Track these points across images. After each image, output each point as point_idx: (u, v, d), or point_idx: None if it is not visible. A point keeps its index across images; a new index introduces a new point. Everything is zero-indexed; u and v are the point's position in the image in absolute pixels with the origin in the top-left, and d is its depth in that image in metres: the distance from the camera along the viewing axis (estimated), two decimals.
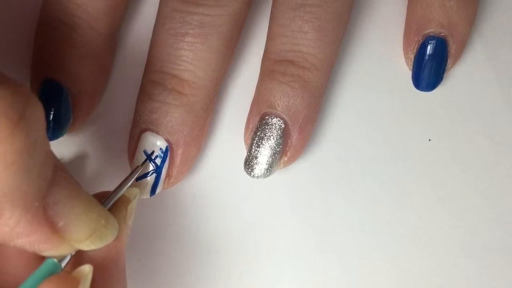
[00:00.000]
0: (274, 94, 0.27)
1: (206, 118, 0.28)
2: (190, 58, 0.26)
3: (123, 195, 0.24)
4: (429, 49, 0.28)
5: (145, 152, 0.27)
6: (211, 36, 0.26)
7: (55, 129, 0.27)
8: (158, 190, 0.27)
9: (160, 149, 0.27)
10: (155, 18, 0.28)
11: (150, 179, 0.27)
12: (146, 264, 0.29)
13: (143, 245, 0.29)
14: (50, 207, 0.19)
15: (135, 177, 0.26)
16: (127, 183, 0.25)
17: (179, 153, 0.27)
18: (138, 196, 0.25)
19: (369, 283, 0.29)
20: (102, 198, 0.23)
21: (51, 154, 0.19)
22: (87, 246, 0.21)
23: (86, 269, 0.21)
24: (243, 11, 0.27)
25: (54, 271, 0.20)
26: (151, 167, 0.27)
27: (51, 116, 0.27)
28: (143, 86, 0.28)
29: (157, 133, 0.27)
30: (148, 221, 0.30)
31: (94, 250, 0.22)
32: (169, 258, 0.29)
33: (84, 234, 0.20)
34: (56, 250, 0.20)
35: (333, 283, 0.29)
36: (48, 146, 0.19)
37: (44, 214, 0.19)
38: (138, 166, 0.27)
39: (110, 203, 0.23)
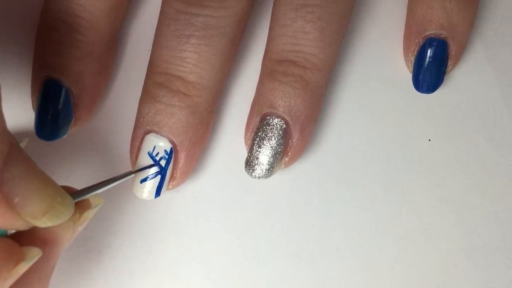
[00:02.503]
0: (275, 94, 0.27)
1: (210, 120, 0.28)
2: (195, 59, 0.26)
3: (86, 199, 0.23)
4: (429, 50, 0.28)
5: (149, 154, 0.27)
6: (215, 37, 0.26)
7: (56, 129, 0.27)
8: (162, 191, 0.27)
9: (165, 150, 0.27)
10: (156, 18, 0.28)
11: (155, 181, 0.27)
12: (146, 264, 0.29)
13: (143, 245, 0.29)
14: (6, 183, 0.19)
15: (109, 186, 0.24)
16: (101, 187, 0.24)
17: (183, 154, 0.27)
18: (99, 207, 0.24)
19: (369, 283, 0.29)
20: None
21: (6, 131, 0.19)
22: (43, 222, 0.20)
23: (36, 251, 0.21)
24: (246, 12, 0.27)
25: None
26: (152, 170, 0.27)
27: (53, 116, 0.27)
28: (146, 87, 0.27)
29: (162, 134, 0.27)
30: (148, 221, 0.30)
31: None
32: (169, 258, 0.29)
33: (40, 210, 0.20)
34: (12, 225, 0.20)
35: (333, 283, 0.29)
36: (4, 122, 0.19)
37: (0, 189, 0.19)
38: (128, 173, 0.25)
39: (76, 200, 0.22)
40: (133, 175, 0.26)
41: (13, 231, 0.21)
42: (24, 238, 0.21)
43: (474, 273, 0.29)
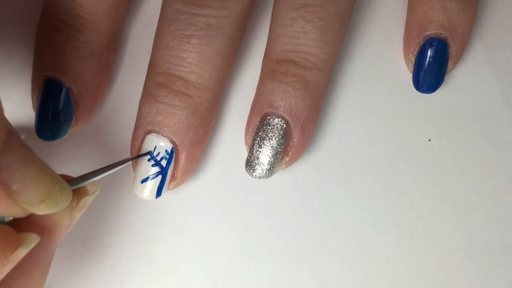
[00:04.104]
0: (275, 94, 0.27)
1: (210, 120, 0.28)
2: (196, 59, 0.26)
3: (84, 187, 0.23)
4: (430, 50, 0.28)
5: (150, 154, 0.27)
6: (216, 37, 0.26)
7: (57, 129, 0.27)
8: (163, 191, 0.27)
9: (166, 150, 0.27)
10: (156, 18, 0.28)
11: (156, 181, 0.27)
12: (146, 264, 0.29)
13: (143, 245, 0.29)
14: (3, 170, 0.19)
15: (106, 173, 0.25)
16: (99, 174, 0.24)
17: (184, 155, 0.27)
18: (97, 194, 0.24)
19: (369, 283, 0.29)
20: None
21: (3, 118, 0.19)
22: (41, 210, 0.20)
23: (33, 237, 0.21)
24: (246, 12, 0.27)
25: None
26: (153, 170, 0.27)
27: (53, 116, 0.27)
28: (147, 87, 0.27)
29: (163, 134, 0.27)
30: (148, 221, 0.30)
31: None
32: (169, 258, 0.29)
33: (38, 198, 0.20)
34: (9, 212, 0.20)
35: (333, 283, 0.29)
36: (1, 110, 0.19)
37: None
38: (120, 162, 0.25)
39: (73, 187, 0.22)
40: (129, 162, 0.26)
41: (10, 218, 0.21)
42: (22, 225, 0.21)
43: (474, 273, 0.29)
